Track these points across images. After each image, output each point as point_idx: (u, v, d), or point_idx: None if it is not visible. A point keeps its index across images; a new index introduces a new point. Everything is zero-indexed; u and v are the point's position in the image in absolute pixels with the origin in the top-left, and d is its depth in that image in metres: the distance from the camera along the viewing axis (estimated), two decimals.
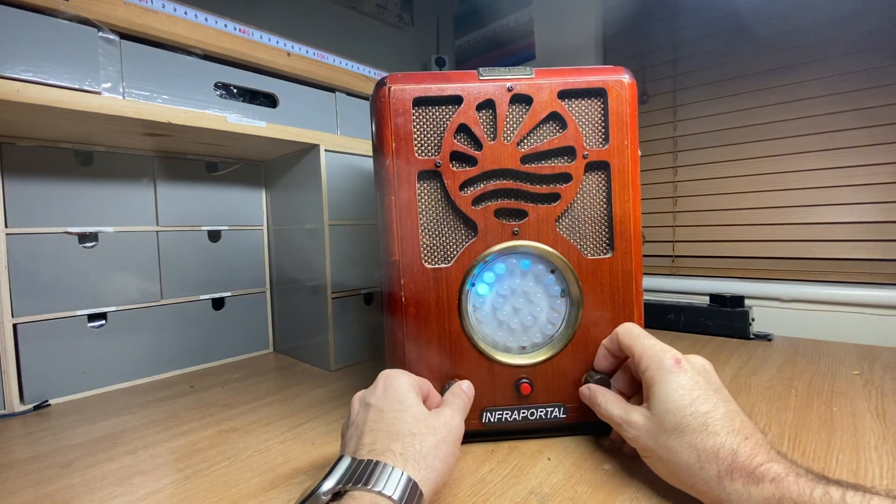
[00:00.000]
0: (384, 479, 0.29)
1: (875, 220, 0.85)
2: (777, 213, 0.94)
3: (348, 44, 0.89)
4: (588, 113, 0.44)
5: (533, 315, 0.45)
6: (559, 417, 0.45)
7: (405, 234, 0.43)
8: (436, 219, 0.44)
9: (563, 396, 0.45)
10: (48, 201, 0.61)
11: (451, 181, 0.43)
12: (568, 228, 0.44)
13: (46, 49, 0.50)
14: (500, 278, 0.45)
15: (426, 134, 0.44)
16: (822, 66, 0.89)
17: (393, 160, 0.42)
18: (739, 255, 0.99)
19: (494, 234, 0.43)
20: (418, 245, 0.43)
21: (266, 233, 0.85)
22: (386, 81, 0.43)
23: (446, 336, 0.44)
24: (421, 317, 0.43)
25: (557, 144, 0.43)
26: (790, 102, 0.92)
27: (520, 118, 0.44)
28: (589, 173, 0.44)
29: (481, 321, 0.45)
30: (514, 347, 0.46)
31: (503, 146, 0.43)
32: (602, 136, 0.44)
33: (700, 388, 0.34)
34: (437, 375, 0.44)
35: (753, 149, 0.97)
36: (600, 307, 0.44)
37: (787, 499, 0.27)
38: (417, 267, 0.43)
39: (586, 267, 0.44)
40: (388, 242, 0.43)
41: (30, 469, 0.44)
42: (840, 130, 0.87)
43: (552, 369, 0.45)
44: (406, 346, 0.44)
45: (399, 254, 0.43)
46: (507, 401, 0.45)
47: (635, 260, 0.44)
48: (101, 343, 0.65)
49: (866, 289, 0.83)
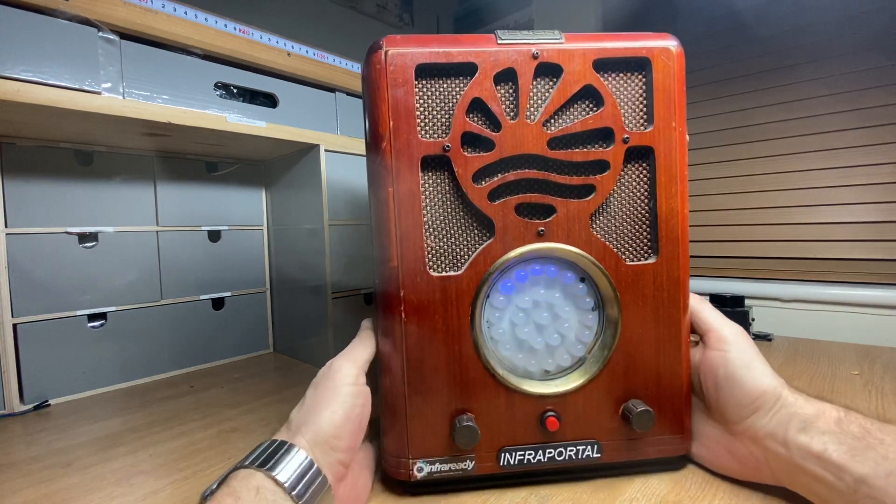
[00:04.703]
0: (284, 462, 0.29)
1: (875, 220, 0.84)
2: (777, 213, 0.94)
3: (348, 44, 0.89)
4: (627, 88, 0.37)
5: (560, 333, 0.38)
6: (592, 457, 0.37)
7: (406, 234, 0.35)
8: (443, 216, 0.36)
9: (596, 432, 0.37)
10: (48, 201, 0.61)
11: (462, 169, 0.35)
12: (603, 228, 0.37)
13: (46, 49, 0.50)
14: (521, 288, 0.38)
15: (432, 110, 0.35)
16: (822, 66, 0.88)
17: (391, 143, 0.34)
18: (739, 255, 0.99)
19: (515, 235, 0.36)
20: (422, 248, 0.35)
21: (266, 233, 0.85)
22: (382, 44, 0.34)
23: (456, 360, 0.36)
24: (425, 336, 0.35)
25: (592, 125, 0.36)
26: (790, 102, 0.92)
27: (546, 93, 0.36)
28: (629, 161, 0.37)
29: (497, 340, 0.38)
30: (535, 372, 0.38)
31: (526, 126, 0.35)
32: (644, 116, 0.37)
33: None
34: (444, 410, 0.36)
35: (753, 149, 0.97)
36: (642, 324, 0.37)
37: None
38: (421, 275, 0.35)
39: (625, 274, 0.36)
40: (383, 245, 0.35)
41: (30, 469, 0.43)
42: (840, 130, 0.87)
43: (584, 400, 0.37)
44: (406, 373, 0.36)
45: (398, 258, 0.35)
46: (530, 438, 0.37)
47: (683, 266, 0.37)
48: (101, 343, 0.65)
49: (866, 289, 0.83)
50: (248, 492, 0.27)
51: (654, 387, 0.37)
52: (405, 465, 0.36)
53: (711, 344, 0.37)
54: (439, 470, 0.36)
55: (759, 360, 0.36)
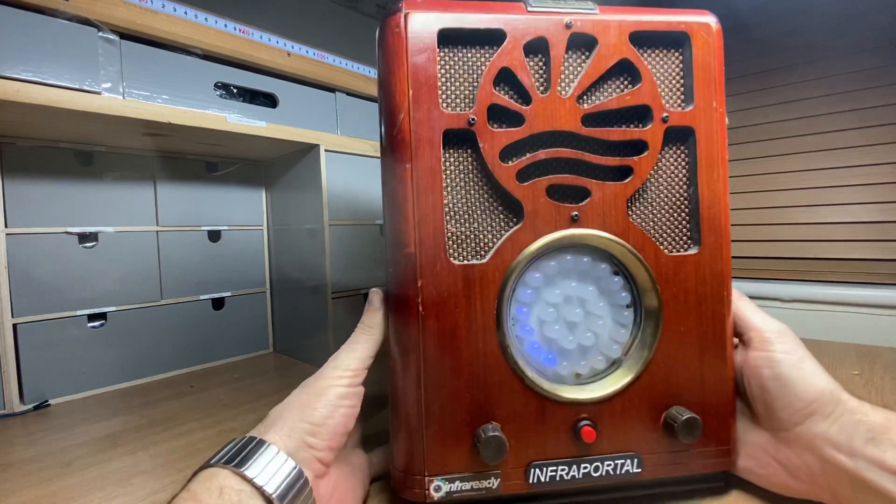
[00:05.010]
0: (253, 458, 0.27)
1: (875, 220, 0.85)
2: (777, 213, 0.94)
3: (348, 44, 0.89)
4: (664, 65, 0.34)
5: (593, 332, 0.34)
6: (632, 472, 0.33)
7: (425, 216, 0.31)
8: (466, 198, 0.33)
9: (636, 444, 0.33)
10: (48, 201, 0.61)
11: (488, 145, 0.32)
12: (641, 216, 0.34)
13: (46, 49, 0.50)
14: (550, 281, 0.34)
15: (455, 81, 0.32)
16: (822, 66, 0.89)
17: (409, 114, 0.31)
18: (740, 255, 0.99)
19: (546, 220, 0.32)
20: (443, 232, 0.32)
21: (266, 233, 0.85)
22: (401, 7, 0.32)
23: (480, 361, 0.32)
24: (445, 333, 0.32)
25: (630, 102, 0.33)
26: (790, 102, 0.92)
27: (578, 67, 0.33)
28: (667, 144, 0.34)
29: (523, 339, 0.34)
30: (566, 376, 0.34)
31: (559, 101, 0.32)
32: (682, 95, 0.34)
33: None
34: (466, 418, 0.32)
35: (753, 149, 0.97)
36: (684, 321, 0.33)
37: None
38: (441, 263, 0.32)
39: (666, 266, 0.33)
40: (399, 229, 0.32)
41: (30, 469, 0.43)
42: (840, 130, 0.87)
43: (622, 407, 0.33)
44: (423, 375, 0.32)
45: (416, 244, 0.31)
46: (563, 451, 0.33)
47: (726, 258, 0.34)
48: (101, 343, 0.65)
49: (866, 289, 0.83)
50: (209, 494, 0.25)
51: (698, 392, 0.34)
52: (420, 483, 0.32)
53: (755, 344, 0.34)
54: (460, 489, 0.32)
55: (810, 359, 0.33)
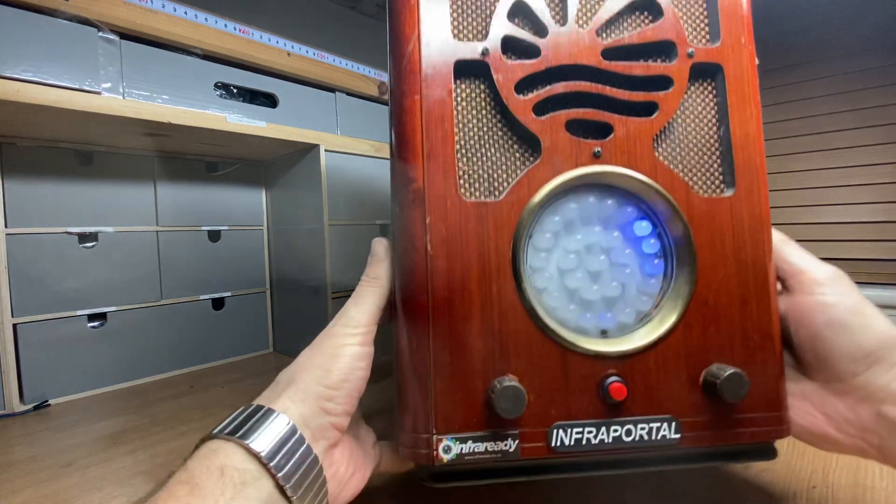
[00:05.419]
0: (259, 429, 0.25)
1: (875, 220, 0.85)
2: (777, 213, 0.94)
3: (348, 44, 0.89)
4: (688, 2, 0.33)
5: (620, 282, 0.31)
6: (669, 439, 0.29)
7: (434, 149, 0.29)
8: (479, 134, 0.31)
9: (671, 405, 0.29)
10: (48, 201, 0.61)
11: (503, 77, 0.30)
12: (669, 156, 0.32)
13: (46, 49, 0.50)
14: (570, 226, 0.31)
15: (467, 11, 0.31)
16: (822, 66, 0.89)
17: (418, 43, 0.29)
18: None
19: (566, 156, 0.30)
20: (453, 166, 0.29)
21: (266, 233, 0.85)
22: None
23: (494, 307, 0.29)
24: (455, 276, 0.29)
25: (651, 37, 0.31)
26: (790, 102, 0.92)
27: (598, 2, 0.32)
28: (694, 81, 0.32)
29: (542, 290, 0.31)
30: (590, 329, 0.31)
31: (577, 34, 0.31)
32: (707, 32, 0.32)
33: None
34: (480, 368, 0.29)
35: None
36: (722, 269, 0.30)
37: None
38: (451, 199, 0.29)
39: (699, 208, 0.30)
40: (406, 163, 0.30)
41: (30, 469, 0.43)
42: (840, 131, 0.87)
43: (655, 363, 0.30)
44: (432, 322, 0.29)
45: (423, 178, 0.29)
46: (589, 411, 0.29)
47: (764, 202, 0.32)
48: (101, 343, 0.65)
49: (866, 289, 0.83)
50: (208, 475, 0.23)
51: (739, 348, 0.31)
52: (427, 443, 0.29)
53: (804, 288, 0.30)
54: (472, 450, 0.28)
55: (869, 304, 0.30)
